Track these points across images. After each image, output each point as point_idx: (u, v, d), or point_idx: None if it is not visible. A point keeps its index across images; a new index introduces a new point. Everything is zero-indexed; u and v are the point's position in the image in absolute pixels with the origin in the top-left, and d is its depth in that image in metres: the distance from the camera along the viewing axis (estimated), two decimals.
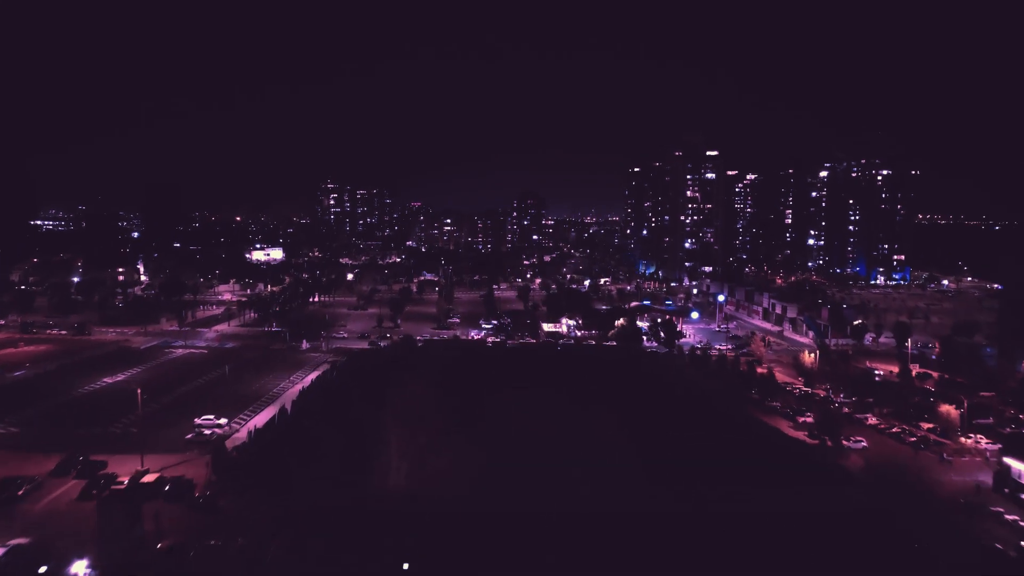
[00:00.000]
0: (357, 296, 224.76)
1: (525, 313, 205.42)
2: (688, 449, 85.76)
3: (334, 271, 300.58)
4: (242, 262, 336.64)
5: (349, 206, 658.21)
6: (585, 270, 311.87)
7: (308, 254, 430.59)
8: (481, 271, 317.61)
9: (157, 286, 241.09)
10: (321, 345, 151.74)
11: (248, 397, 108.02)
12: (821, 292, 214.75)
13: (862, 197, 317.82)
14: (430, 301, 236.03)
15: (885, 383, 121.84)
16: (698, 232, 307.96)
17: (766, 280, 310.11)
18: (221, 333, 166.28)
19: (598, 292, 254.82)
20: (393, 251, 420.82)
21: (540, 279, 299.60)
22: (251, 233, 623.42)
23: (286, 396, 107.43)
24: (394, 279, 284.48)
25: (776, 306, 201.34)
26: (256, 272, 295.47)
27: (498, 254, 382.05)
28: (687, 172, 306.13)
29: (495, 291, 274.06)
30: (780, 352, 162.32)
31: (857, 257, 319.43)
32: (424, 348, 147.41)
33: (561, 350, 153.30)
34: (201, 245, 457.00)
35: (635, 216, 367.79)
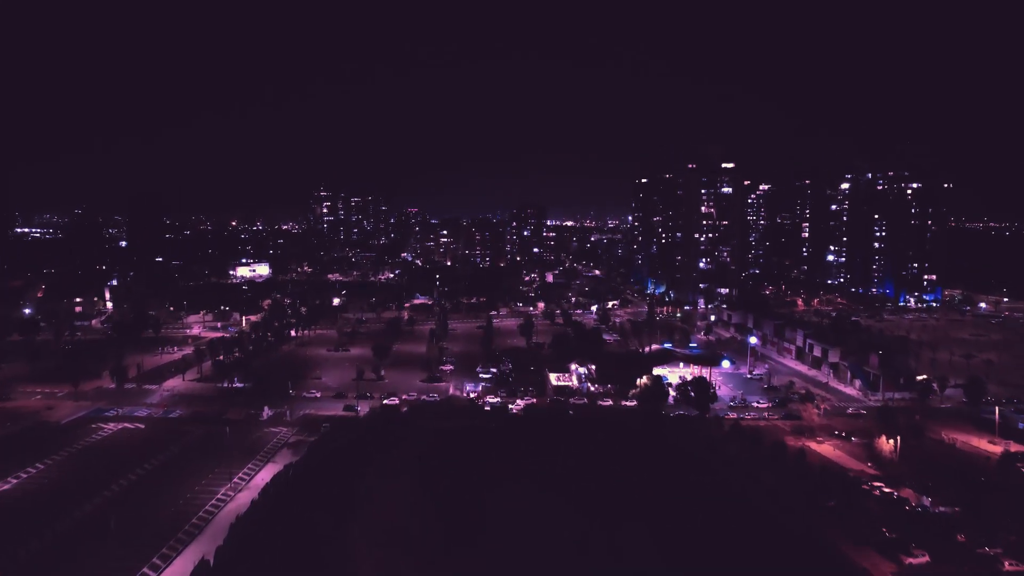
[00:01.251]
0: (339, 332, 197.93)
1: (528, 355, 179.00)
2: None
3: (319, 294, 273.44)
4: (219, 287, 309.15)
5: (343, 214, 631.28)
6: (591, 292, 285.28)
7: (296, 269, 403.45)
8: (479, 292, 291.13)
9: (118, 319, 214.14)
10: (285, 413, 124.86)
11: (166, 526, 79.61)
12: (867, 333, 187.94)
13: (889, 212, 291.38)
14: (422, 335, 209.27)
15: (994, 483, 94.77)
16: (713, 251, 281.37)
17: (785, 301, 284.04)
18: (171, 392, 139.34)
19: (608, 321, 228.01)
20: (387, 266, 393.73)
21: (543, 303, 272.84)
22: (242, 242, 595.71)
23: (221, 520, 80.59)
24: (383, 305, 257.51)
25: (814, 347, 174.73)
26: (233, 296, 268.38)
27: (497, 271, 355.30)
28: (701, 186, 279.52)
29: (494, 318, 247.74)
30: (831, 410, 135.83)
31: (884, 277, 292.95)
32: (409, 418, 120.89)
33: (573, 417, 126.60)
34: (185, 259, 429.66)
35: (643, 230, 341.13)
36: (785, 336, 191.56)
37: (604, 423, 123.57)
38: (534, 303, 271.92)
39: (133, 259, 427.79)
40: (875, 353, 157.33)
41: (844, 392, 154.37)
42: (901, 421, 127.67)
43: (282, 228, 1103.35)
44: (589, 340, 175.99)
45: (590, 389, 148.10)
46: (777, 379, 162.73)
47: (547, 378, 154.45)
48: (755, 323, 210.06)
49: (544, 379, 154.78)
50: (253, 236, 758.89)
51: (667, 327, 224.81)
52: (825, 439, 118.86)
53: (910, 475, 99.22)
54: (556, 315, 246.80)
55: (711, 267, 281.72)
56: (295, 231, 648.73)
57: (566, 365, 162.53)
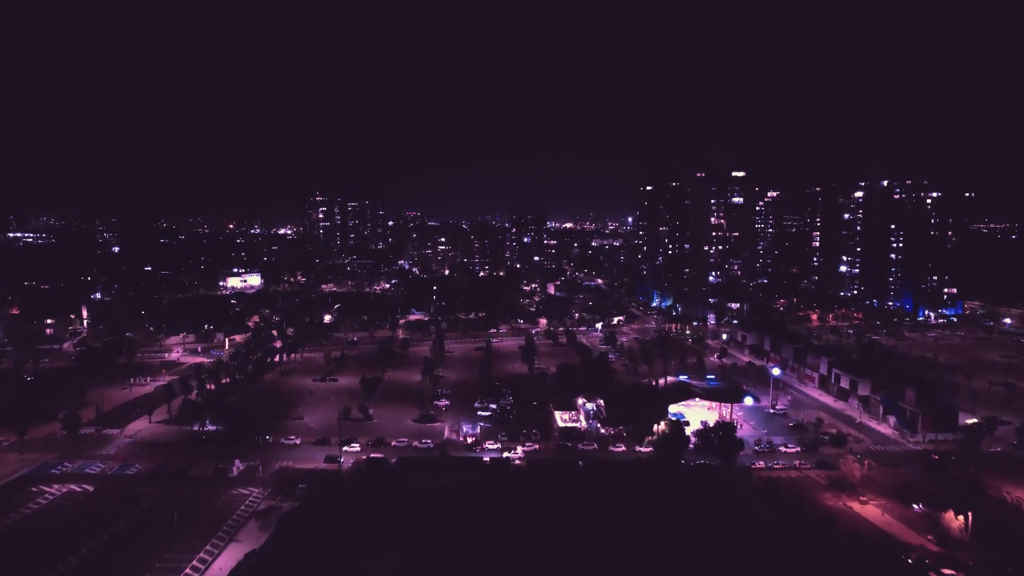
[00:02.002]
0: (326, 358, 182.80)
1: (531, 385, 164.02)
2: None
3: (310, 310, 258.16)
4: (207, 301, 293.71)
5: (340, 219, 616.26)
6: (595, 306, 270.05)
7: (289, 279, 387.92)
8: (477, 306, 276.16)
9: (90, 344, 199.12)
10: (258, 468, 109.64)
11: None
12: (896, 360, 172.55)
13: (907, 222, 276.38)
14: (416, 358, 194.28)
15: None
16: (724, 264, 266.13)
17: (798, 316, 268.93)
18: (133, 439, 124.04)
19: (614, 342, 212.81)
20: (383, 275, 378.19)
21: (545, 319, 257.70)
22: (236, 247, 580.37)
23: None
24: (377, 323, 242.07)
25: (840, 377, 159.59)
26: (219, 313, 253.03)
27: (496, 283, 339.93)
28: (711, 196, 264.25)
29: (494, 336, 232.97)
30: (867, 454, 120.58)
31: (901, 290, 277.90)
32: (397, 473, 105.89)
33: (583, 469, 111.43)
34: (175, 269, 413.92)
35: (648, 240, 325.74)
36: (807, 362, 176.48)
37: (617, 477, 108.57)
38: (535, 319, 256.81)
39: (122, 268, 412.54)
40: (911, 387, 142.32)
41: (878, 431, 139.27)
42: (953, 474, 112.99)
43: (279, 232, 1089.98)
44: (596, 370, 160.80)
45: (600, 431, 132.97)
46: (802, 413, 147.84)
47: (552, 417, 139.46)
48: (772, 346, 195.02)
49: (549, 418, 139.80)
50: (249, 241, 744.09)
51: (677, 347, 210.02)
52: (870, 498, 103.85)
53: (979, 553, 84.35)
54: (559, 334, 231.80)
55: (721, 281, 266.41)
56: (292, 235, 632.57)
57: (572, 400, 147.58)
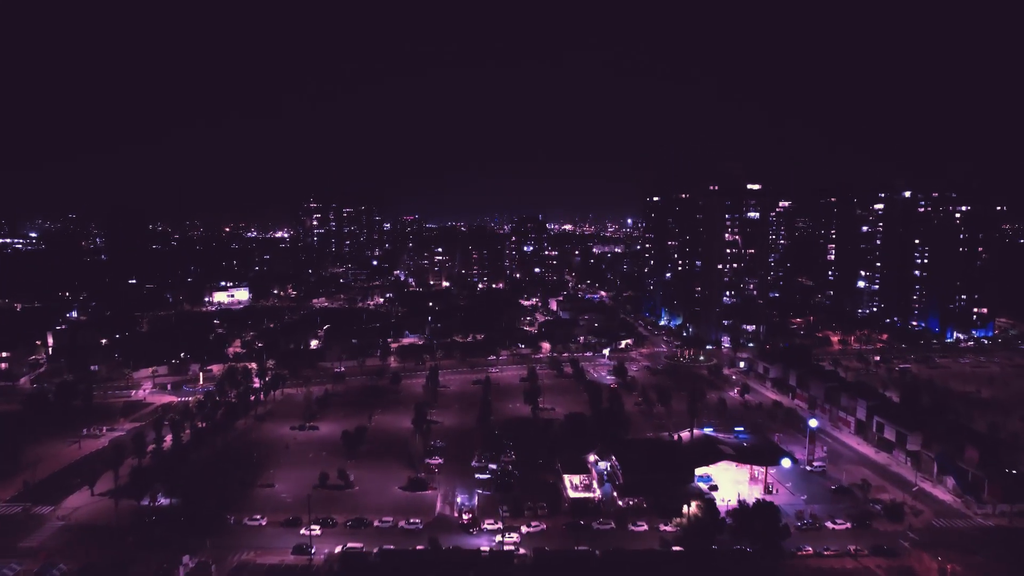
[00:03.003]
0: (307, 400, 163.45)
1: (536, 433, 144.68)
2: None
3: (296, 335, 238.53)
4: (190, 319, 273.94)
5: (335, 225, 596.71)
6: (602, 328, 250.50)
7: (279, 293, 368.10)
8: (475, 327, 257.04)
9: (54, 376, 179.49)
10: (211, 568, 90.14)
11: None
12: (945, 405, 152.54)
13: (933, 237, 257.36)
14: (408, 395, 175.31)
15: None
16: (739, 283, 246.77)
17: (817, 337, 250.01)
18: (66, 522, 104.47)
19: (624, 375, 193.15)
20: (376, 289, 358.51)
21: (548, 342, 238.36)
22: (229, 255, 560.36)
23: None
24: (367, 350, 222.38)
25: (884, 427, 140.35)
26: (199, 337, 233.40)
27: (495, 301, 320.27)
28: (725, 211, 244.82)
29: (493, 364, 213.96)
30: (931, 533, 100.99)
31: (926, 308, 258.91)
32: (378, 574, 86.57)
33: (600, 563, 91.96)
34: (161, 281, 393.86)
35: (656, 254, 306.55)
36: (841, 403, 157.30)
37: (638, 571, 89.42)
38: (537, 343, 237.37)
39: (106, 280, 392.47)
40: (970, 443, 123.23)
41: (935, 497, 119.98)
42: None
43: (276, 235, 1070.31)
44: (608, 418, 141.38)
45: (616, 501, 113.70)
46: (843, 471, 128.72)
47: (561, 482, 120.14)
48: (799, 381, 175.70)
49: (557, 483, 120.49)
50: (243, 247, 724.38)
51: (693, 379, 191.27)
52: None
53: None
54: (563, 361, 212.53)
55: (736, 301, 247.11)
56: (288, 240, 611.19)
57: (583, 458, 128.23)
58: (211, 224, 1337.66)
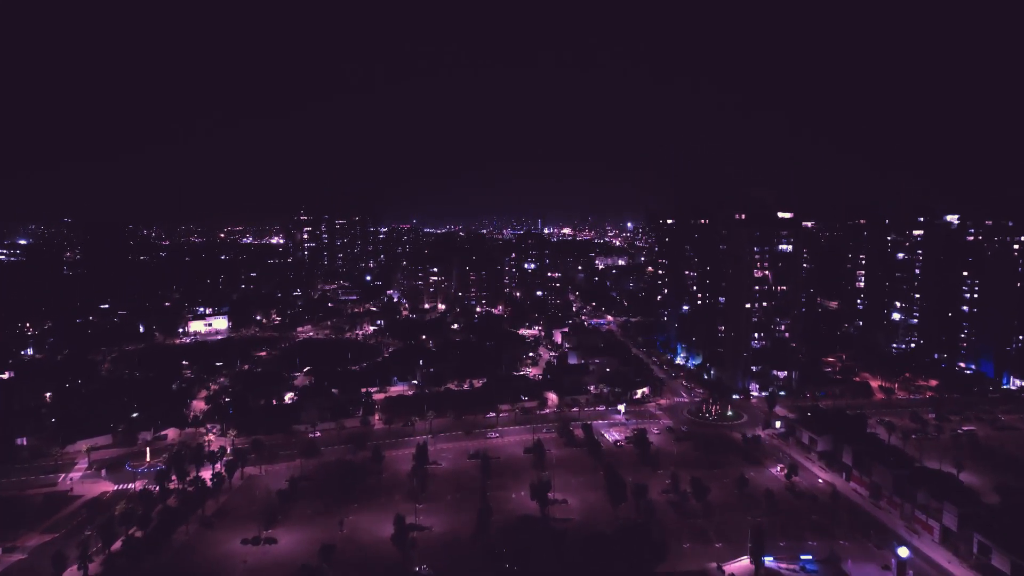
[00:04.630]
0: (267, 497, 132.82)
1: (546, 544, 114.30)
2: None
3: (271, 386, 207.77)
4: (159, 356, 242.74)
5: (327, 238, 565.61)
6: (614, 375, 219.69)
7: (262, 320, 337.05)
8: (472, 370, 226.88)
9: None
10: None
11: None
12: None
13: (985, 269, 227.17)
14: (392, 479, 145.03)
15: None
16: (769, 324, 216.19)
17: (853, 382, 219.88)
18: None
19: (645, 446, 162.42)
20: (366, 317, 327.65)
21: (555, 393, 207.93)
22: (217, 268, 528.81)
23: None
24: (348, 405, 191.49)
25: (992, 552, 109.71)
26: (159, 389, 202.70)
27: (494, 331, 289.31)
28: (753, 241, 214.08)
29: (492, 427, 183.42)
30: None
31: (977, 349, 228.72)
32: None
33: None
34: (137, 305, 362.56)
35: (670, 283, 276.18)
36: (918, 501, 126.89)
37: None
38: (542, 393, 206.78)
39: (77, 304, 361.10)
40: None
41: None
42: None
43: (271, 242, 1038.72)
44: (636, 537, 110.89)
45: None
46: None
47: None
48: (857, 461, 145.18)
49: None
50: (235, 256, 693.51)
51: (725, 449, 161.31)
52: None
53: None
54: (572, 418, 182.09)
55: (765, 343, 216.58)
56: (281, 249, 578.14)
57: None
58: (208, 228, 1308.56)
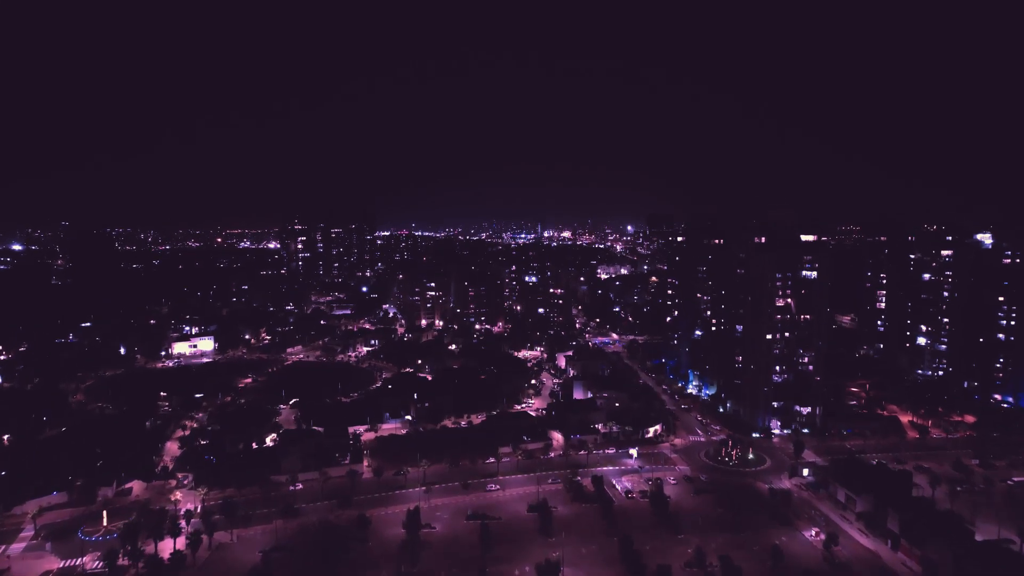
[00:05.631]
0: None
1: None
2: None
3: (252, 428, 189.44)
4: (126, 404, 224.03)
5: (322, 247, 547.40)
6: (624, 411, 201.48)
7: (251, 340, 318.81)
8: (470, 404, 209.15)
9: None
10: None
11: None
12: None
13: None
14: (379, 544, 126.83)
15: None
16: (791, 356, 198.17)
17: (879, 416, 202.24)
18: None
19: (664, 504, 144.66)
20: (360, 337, 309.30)
21: (560, 433, 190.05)
22: (209, 279, 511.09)
23: None
24: (334, 450, 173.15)
25: None
26: (130, 430, 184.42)
27: (494, 356, 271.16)
28: (775, 267, 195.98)
29: (493, 478, 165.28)
30: None
31: (1014, 380, 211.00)
32: None
33: None
34: (121, 322, 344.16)
35: (681, 306, 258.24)
36: None
37: None
38: (547, 433, 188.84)
39: (57, 322, 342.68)
40: None
41: None
42: None
43: (268, 246, 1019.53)
44: None
45: None
46: None
47: None
48: (905, 529, 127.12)
49: None
50: (228, 264, 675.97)
51: (752, 504, 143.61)
52: None
53: None
54: (582, 476, 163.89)
55: (787, 376, 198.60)
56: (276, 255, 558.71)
57: None
58: (207, 232, 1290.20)
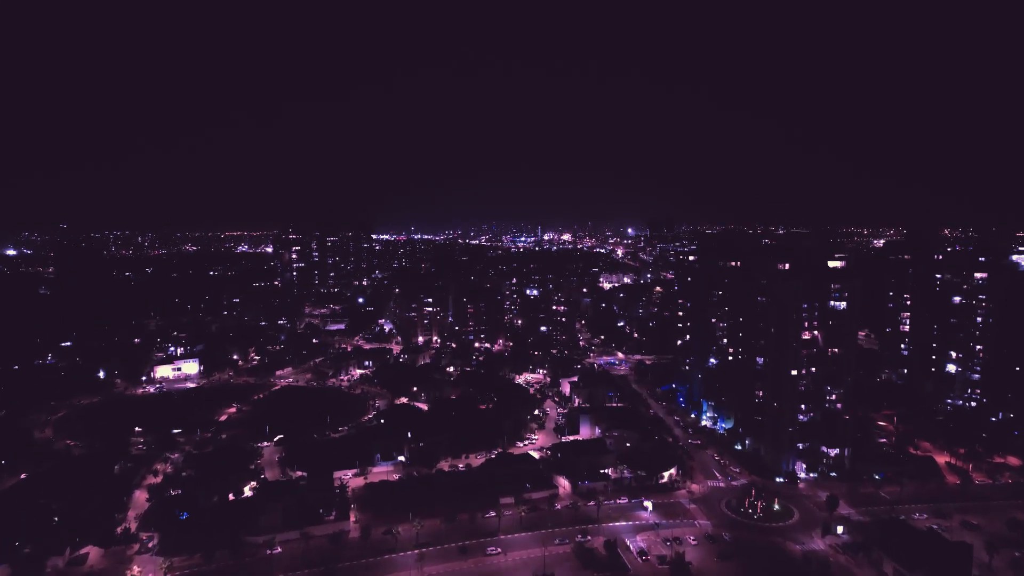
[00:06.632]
0: None
1: None
2: None
3: (227, 477, 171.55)
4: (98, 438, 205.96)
5: (317, 256, 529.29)
6: (635, 453, 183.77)
7: (238, 363, 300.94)
8: (468, 444, 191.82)
9: None
10: None
11: None
12: None
13: None
14: None
15: None
16: (819, 393, 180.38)
17: (912, 456, 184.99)
18: None
19: (686, 573, 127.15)
20: (353, 361, 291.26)
21: (567, 479, 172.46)
22: (201, 287, 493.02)
23: None
24: (319, 507, 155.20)
25: None
26: (98, 475, 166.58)
27: (493, 382, 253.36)
28: (800, 296, 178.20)
29: (492, 537, 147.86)
30: None
31: None
32: None
33: None
34: (101, 343, 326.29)
35: (693, 329, 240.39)
36: None
37: None
38: (551, 480, 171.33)
39: (37, 341, 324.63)
40: None
41: None
42: None
43: (267, 250, 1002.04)
44: None
45: None
46: None
47: None
48: None
49: None
50: (223, 272, 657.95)
51: (780, 563, 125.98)
52: None
53: None
54: (592, 538, 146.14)
55: (813, 415, 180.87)
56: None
57: None
58: (206, 234, 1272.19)
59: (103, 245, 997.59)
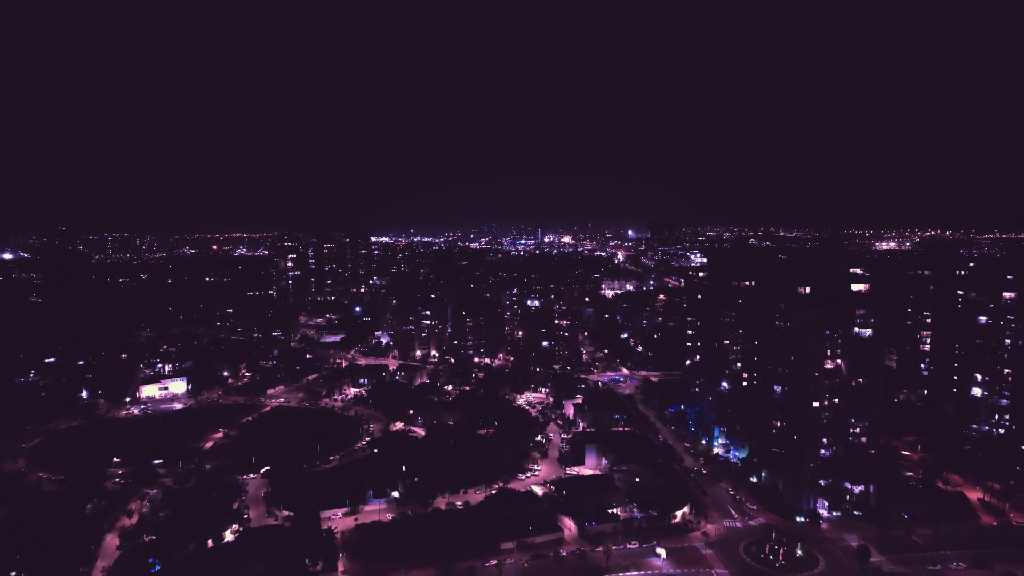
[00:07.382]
0: None
1: None
2: None
3: (207, 521, 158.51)
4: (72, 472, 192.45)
5: (314, 264, 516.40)
6: (644, 484, 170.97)
7: (228, 379, 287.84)
8: (467, 478, 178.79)
9: None
10: None
11: None
12: None
13: None
14: None
15: None
16: (842, 425, 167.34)
17: (941, 492, 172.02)
18: None
19: None
20: (347, 380, 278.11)
21: (574, 521, 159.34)
22: (195, 294, 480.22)
23: None
24: (305, 556, 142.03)
25: None
26: (67, 519, 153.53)
27: (497, 408, 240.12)
28: (823, 323, 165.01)
29: None
30: None
31: None
32: None
33: None
34: (87, 360, 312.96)
35: (703, 349, 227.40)
36: None
37: None
38: (556, 521, 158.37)
39: (20, 356, 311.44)
40: None
41: None
42: None
43: (264, 254, 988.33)
44: None
45: None
46: None
47: None
48: None
49: None
50: (219, 277, 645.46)
51: None
52: None
53: None
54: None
55: (836, 449, 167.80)
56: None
57: None
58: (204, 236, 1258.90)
59: (100, 248, 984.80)
